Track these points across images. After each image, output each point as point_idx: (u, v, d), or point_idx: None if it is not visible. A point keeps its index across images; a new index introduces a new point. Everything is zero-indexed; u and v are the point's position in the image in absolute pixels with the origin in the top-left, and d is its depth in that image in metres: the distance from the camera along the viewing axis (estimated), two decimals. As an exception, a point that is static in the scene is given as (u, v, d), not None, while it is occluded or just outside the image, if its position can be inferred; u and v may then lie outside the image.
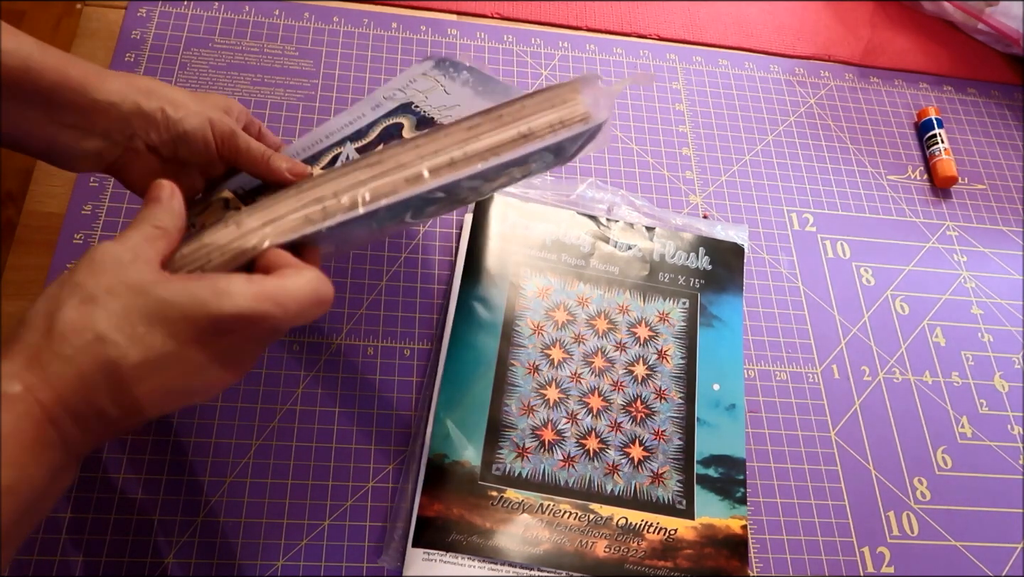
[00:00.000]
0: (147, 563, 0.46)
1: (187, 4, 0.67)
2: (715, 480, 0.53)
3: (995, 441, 0.60)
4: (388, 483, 0.51)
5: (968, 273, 0.67)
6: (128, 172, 0.45)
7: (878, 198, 0.70)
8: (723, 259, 0.62)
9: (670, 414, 0.55)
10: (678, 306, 0.59)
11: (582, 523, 0.50)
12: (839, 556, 0.53)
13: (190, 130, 0.43)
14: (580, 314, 0.57)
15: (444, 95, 0.53)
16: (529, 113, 0.40)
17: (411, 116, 0.51)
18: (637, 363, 0.56)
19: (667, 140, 0.69)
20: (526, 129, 0.40)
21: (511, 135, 0.40)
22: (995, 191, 0.73)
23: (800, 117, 0.73)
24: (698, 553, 0.50)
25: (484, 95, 0.52)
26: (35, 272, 0.54)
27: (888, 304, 0.65)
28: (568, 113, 0.41)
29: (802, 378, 0.60)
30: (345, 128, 0.52)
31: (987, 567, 0.54)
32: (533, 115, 0.40)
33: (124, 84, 0.42)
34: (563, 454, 0.52)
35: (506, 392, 0.53)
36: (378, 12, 0.71)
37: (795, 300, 0.63)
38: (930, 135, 0.73)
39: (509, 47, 0.72)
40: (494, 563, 0.48)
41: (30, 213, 0.56)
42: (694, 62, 0.75)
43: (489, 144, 0.40)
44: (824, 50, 0.79)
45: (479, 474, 0.50)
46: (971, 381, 0.62)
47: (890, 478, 0.57)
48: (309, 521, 0.49)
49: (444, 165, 0.39)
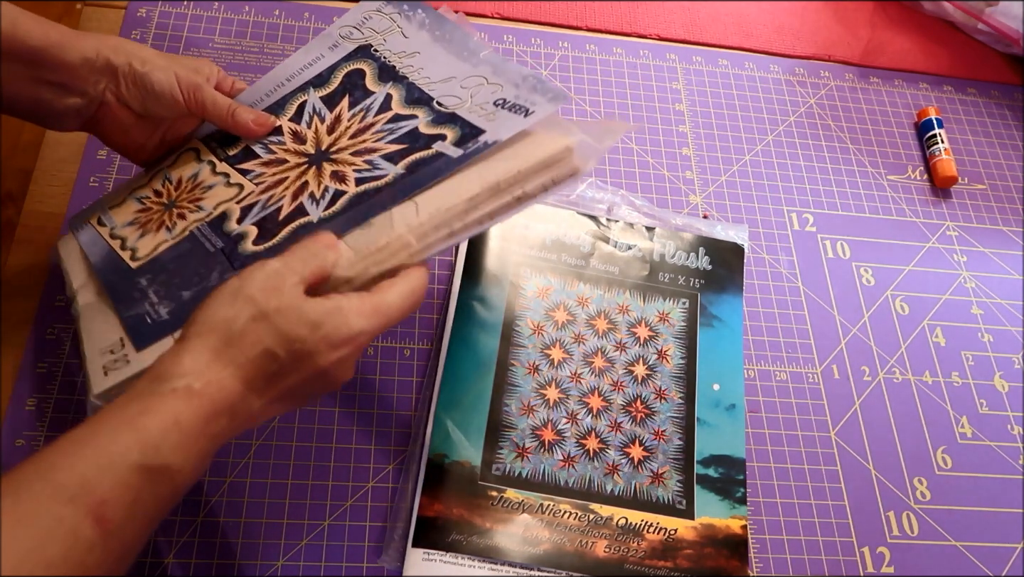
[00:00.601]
0: (147, 563, 0.46)
1: (187, 4, 0.67)
2: (715, 480, 0.53)
3: (995, 441, 0.60)
4: (388, 483, 0.51)
5: (968, 273, 0.67)
6: (104, 127, 0.48)
7: (878, 198, 0.70)
8: (723, 259, 0.62)
9: (670, 414, 0.55)
10: (678, 306, 0.59)
11: (582, 523, 0.50)
12: (839, 556, 0.53)
13: (156, 83, 0.46)
14: (580, 314, 0.57)
15: (403, 39, 0.54)
16: (524, 178, 0.43)
17: (372, 62, 0.53)
18: (637, 363, 0.56)
19: (667, 140, 0.69)
20: (520, 192, 0.43)
21: (507, 200, 0.43)
22: (995, 191, 0.73)
23: (800, 117, 0.73)
24: (698, 553, 0.50)
25: (442, 40, 0.53)
26: (35, 272, 0.54)
27: (888, 304, 0.65)
28: (560, 172, 0.44)
29: (802, 378, 0.60)
30: (305, 70, 0.54)
31: (987, 567, 0.54)
32: (528, 179, 0.43)
33: (96, 42, 0.46)
34: (563, 454, 0.52)
35: (506, 392, 0.53)
36: (378, 12, 0.71)
37: (795, 300, 0.63)
38: (930, 135, 0.73)
39: (509, 47, 0.72)
40: (494, 563, 0.48)
41: (30, 213, 0.56)
42: (694, 62, 0.75)
43: (487, 211, 0.43)
44: (824, 50, 0.79)
45: (479, 474, 0.50)
46: (971, 381, 0.62)
47: (890, 478, 0.57)
48: (309, 521, 0.49)
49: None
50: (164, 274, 0.47)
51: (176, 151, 0.52)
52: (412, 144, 0.49)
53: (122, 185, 0.53)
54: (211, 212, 0.49)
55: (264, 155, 0.51)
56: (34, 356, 0.51)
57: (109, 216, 0.51)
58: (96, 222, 0.51)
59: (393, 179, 0.46)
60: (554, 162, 0.43)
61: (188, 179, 0.51)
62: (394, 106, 0.51)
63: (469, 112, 0.49)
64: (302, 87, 0.53)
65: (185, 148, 0.52)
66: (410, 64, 0.53)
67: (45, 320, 0.52)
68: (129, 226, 0.50)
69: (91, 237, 0.50)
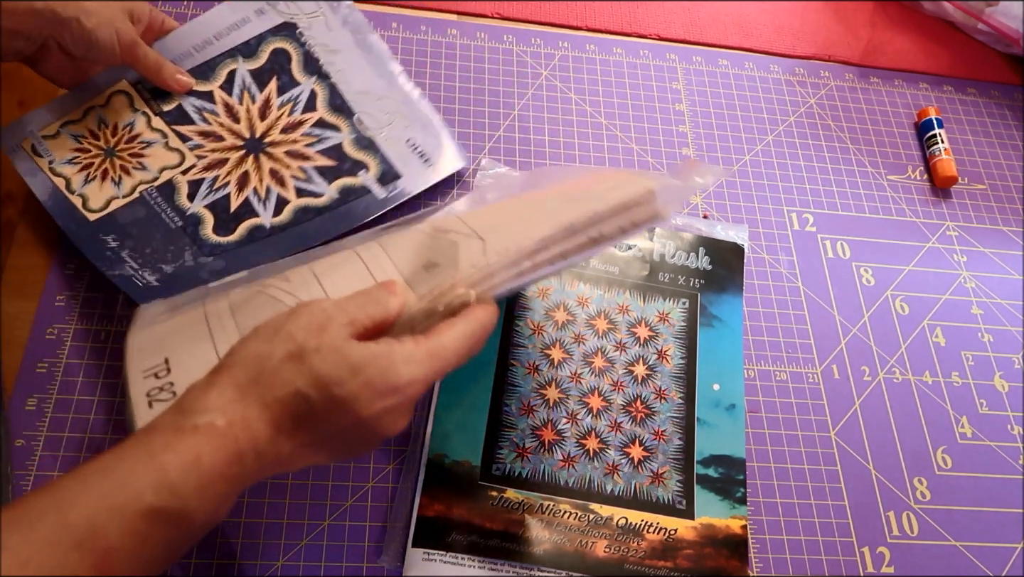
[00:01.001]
0: (147, 563, 0.46)
1: (187, 4, 0.67)
2: (715, 480, 0.53)
3: (995, 441, 0.60)
4: (388, 483, 0.51)
5: (968, 273, 0.67)
6: (42, 66, 0.53)
7: (878, 198, 0.70)
8: (723, 259, 0.62)
9: (670, 414, 0.55)
10: (678, 306, 0.59)
11: (582, 523, 0.50)
12: (839, 556, 0.53)
13: (99, 39, 0.50)
14: (580, 314, 0.57)
15: (326, 30, 0.60)
16: (601, 220, 0.41)
17: (297, 46, 0.60)
18: (637, 363, 0.56)
19: (667, 140, 0.69)
20: (596, 234, 0.41)
21: (581, 241, 0.41)
22: (995, 191, 0.73)
23: (800, 117, 0.73)
24: (698, 553, 0.50)
25: (363, 46, 0.60)
26: (35, 272, 0.54)
27: (888, 304, 0.65)
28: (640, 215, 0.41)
29: (802, 378, 0.60)
30: (232, 32, 0.59)
31: (987, 567, 0.54)
32: (605, 222, 0.41)
33: None
34: (563, 454, 0.52)
35: (506, 392, 0.53)
36: (378, 12, 0.71)
37: (795, 300, 0.63)
38: (930, 135, 0.73)
39: (509, 47, 0.72)
40: (494, 563, 0.48)
41: (30, 213, 0.56)
42: (694, 62, 0.75)
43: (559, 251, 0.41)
44: (824, 50, 0.79)
45: (479, 474, 0.50)
46: (971, 381, 0.62)
47: (890, 478, 0.57)
48: (309, 521, 0.49)
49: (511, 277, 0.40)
50: (131, 240, 0.52)
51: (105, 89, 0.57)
52: (340, 164, 0.57)
53: (51, 106, 0.56)
54: (157, 176, 0.54)
55: (200, 124, 0.57)
56: (34, 356, 0.51)
57: (44, 147, 0.54)
58: (31, 150, 0.54)
59: (329, 203, 0.55)
60: (634, 205, 0.41)
61: (124, 127, 0.56)
62: (319, 107, 0.58)
63: (386, 142, 0.58)
64: (231, 52, 0.59)
65: (116, 90, 0.57)
66: (332, 61, 0.59)
67: (45, 320, 0.52)
68: (70, 165, 0.54)
69: (30, 168, 0.54)
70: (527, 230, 0.41)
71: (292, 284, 0.43)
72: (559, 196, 0.44)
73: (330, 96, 0.59)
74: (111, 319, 0.53)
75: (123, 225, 0.52)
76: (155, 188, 0.54)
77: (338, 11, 0.61)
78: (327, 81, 0.59)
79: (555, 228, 0.40)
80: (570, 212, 0.41)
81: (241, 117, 0.57)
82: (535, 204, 0.45)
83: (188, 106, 0.57)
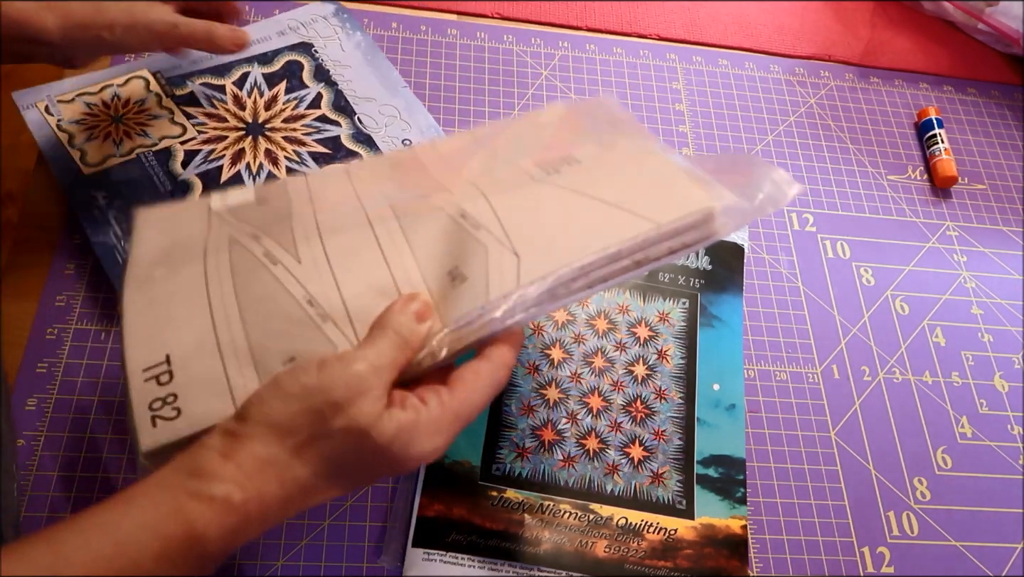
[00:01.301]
0: (147, 563, 0.46)
1: (187, 4, 0.67)
2: (715, 480, 0.53)
3: (995, 441, 0.60)
4: (388, 483, 0.51)
5: (968, 273, 0.67)
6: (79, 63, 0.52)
7: (878, 198, 0.70)
8: (723, 259, 0.62)
9: (670, 414, 0.55)
10: (678, 306, 0.59)
11: (582, 523, 0.50)
12: (839, 556, 0.53)
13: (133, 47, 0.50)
14: (580, 314, 0.57)
15: (340, 51, 0.65)
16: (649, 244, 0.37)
17: (310, 59, 0.64)
18: (637, 363, 0.56)
19: (667, 140, 0.69)
20: (641, 257, 0.37)
21: (625, 264, 0.37)
22: (995, 191, 0.73)
23: (800, 117, 0.73)
24: (698, 553, 0.50)
25: (372, 65, 0.64)
26: (35, 272, 0.54)
27: (888, 304, 0.65)
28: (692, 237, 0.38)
29: (802, 378, 0.60)
30: (252, 46, 0.63)
31: (987, 567, 0.54)
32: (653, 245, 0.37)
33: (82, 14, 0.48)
34: (563, 454, 0.52)
35: (506, 392, 0.53)
36: (378, 12, 0.71)
37: (795, 300, 0.63)
38: (930, 135, 0.73)
39: (509, 47, 0.72)
40: (494, 563, 0.48)
41: (30, 213, 0.56)
42: (694, 62, 0.75)
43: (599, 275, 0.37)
44: (824, 50, 0.79)
45: (479, 474, 0.50)
46: (971, 381, 0.62)
47: (890, 478, 0.57)
48: (309, 521, 0.49)
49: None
50: (120, 200, 0.54)
51: (126, 74, 0.60)
52: (335, 152, 0.59)
53: (71, 80, 0.59)
54: (156, 142, 0.57)
55: (207, 106, 0.60)
56: (34, 356, 0.51)
57: (57, 108, 0.57)
58: (44, 110, 0.57)
59: None
60: (689, 228, 0.37)
61: (136, 102, 0.59)
62: (323, 106, 0.61)
63: (383, 141, 0.60)
64: (248, 59, 0.62)
65: (135, 75, 0.60)
66: (341, 74, 0.63)
67: (45, 320, 0.52)
68: (76, 124, 0.57)
69: (39, 122, 0.57)
70: (568, 244, 0.37)
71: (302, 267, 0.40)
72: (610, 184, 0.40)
73: (335, 98, 0.62)
74: (111, 319, 0.53)
75: (115, 183, 0.54)
76: (152, 152, 0.56)
77: (352, 37, 0.66)
78: (334, 87, 0.62)
79: (599, 255, 0.37)
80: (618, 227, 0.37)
81: (247, 106, 0.60)
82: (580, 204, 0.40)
83: (199, 93, 0.60)
